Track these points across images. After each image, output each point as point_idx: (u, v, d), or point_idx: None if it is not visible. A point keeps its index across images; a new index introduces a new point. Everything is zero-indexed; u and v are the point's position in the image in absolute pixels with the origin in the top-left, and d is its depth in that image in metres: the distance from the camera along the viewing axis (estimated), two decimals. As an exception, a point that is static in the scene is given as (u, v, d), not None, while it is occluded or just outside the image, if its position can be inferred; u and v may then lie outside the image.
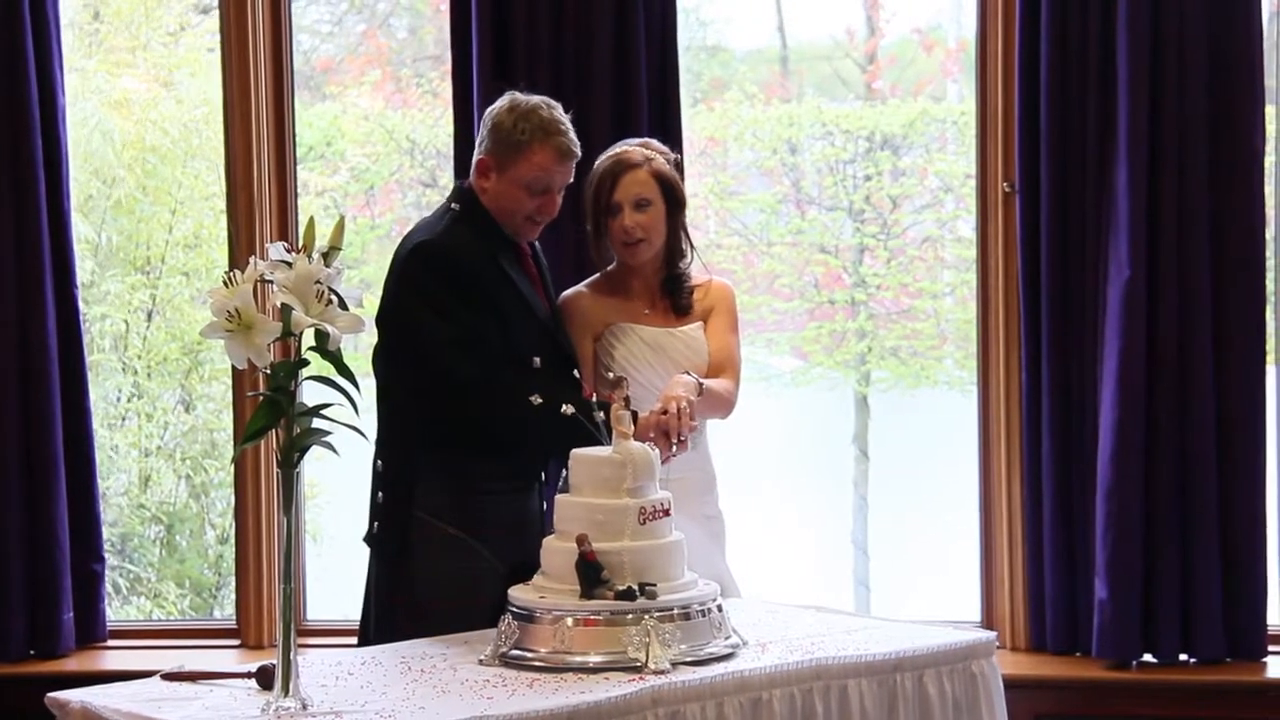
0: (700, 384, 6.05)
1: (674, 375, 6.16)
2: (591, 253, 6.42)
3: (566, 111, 6.08)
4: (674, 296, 6.35)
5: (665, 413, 5.77)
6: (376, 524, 6.07)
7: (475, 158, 6.04)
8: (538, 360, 5.95)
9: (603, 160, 6.25)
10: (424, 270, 5.88)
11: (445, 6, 7.36)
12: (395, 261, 5.99)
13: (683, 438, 5.74)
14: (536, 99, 6.04)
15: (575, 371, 6.13)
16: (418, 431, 5.94)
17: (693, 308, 6.36)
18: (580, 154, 6.07)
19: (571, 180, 6.10)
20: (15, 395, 7.32)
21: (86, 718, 5.22)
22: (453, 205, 6.06)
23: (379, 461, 6.05)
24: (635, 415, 5.75)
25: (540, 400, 5.64)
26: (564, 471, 5.62)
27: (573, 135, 6.03)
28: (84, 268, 7.53)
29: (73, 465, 7.45)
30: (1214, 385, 7.04)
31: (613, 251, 6.33)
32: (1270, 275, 7.18)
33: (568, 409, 5.56)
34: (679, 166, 6.48)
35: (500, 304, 5.95)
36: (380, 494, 6.05)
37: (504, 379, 5.85)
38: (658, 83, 7.19)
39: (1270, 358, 7.16)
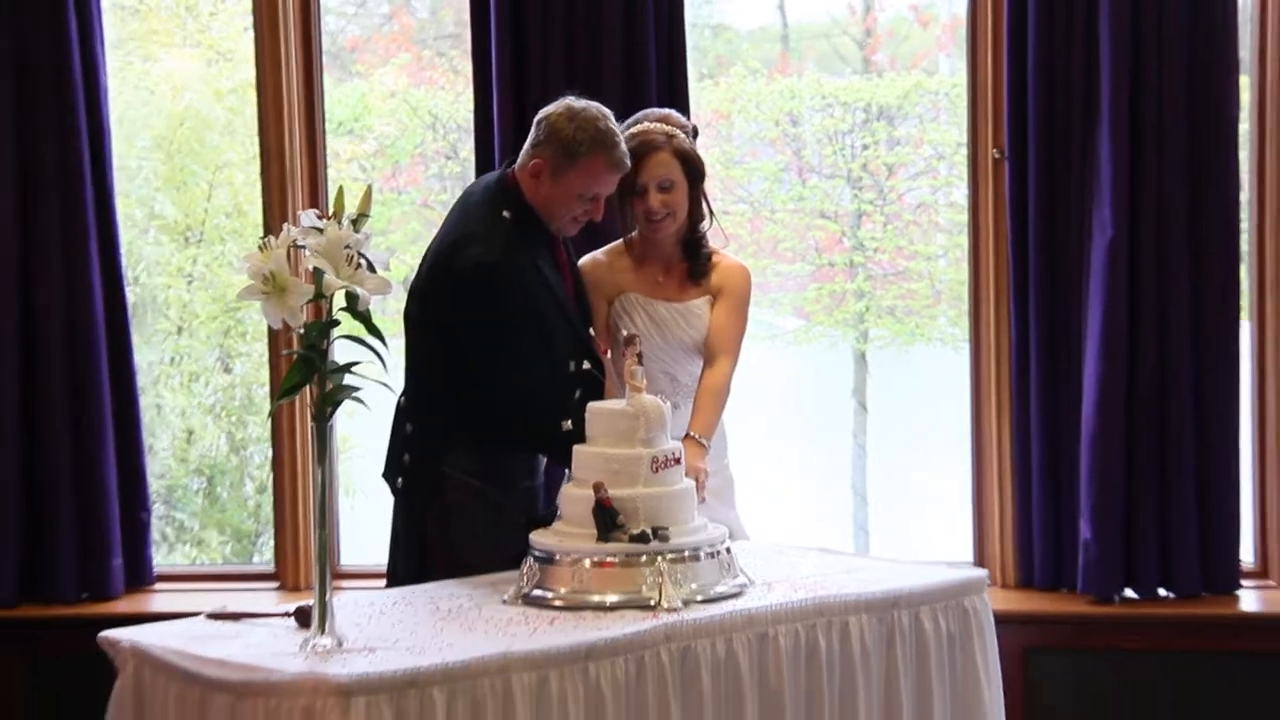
0: (706, 445, 6.12)
1: (683, 370, 6.34)
2: (617, 223, 6.38)
3: (578, 87, 6.13)
4: (691, 261, 6.35)
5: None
6: (401, 479, 6.12)
7: (529, 159, 5.99)
8: (572, 365, 5.99)
9: (626, 139, 6.11)
10: (489, 294, 5.86)
11: (464, 5, 7.36)
12: (459, 266, 5.89)
13: (702, 497, 5.79)
14: (593, 109, 5.98)
15: (591, 330, 6.21)
16: (453, 415, 5.99)
17: (707, 276, 6.36)
18: (629, 167, 6.04)
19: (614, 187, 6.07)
20: (64, 358, 7.37)
21: (136, 655, 5.29)
22: (503, 212, 5.99)
23: (408, 426, 6.09)
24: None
25: (570, 426, 5.73)
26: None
27: (624, 148, 6.00)
28: (127, 236, 7.55)
29: (120, 422, 7.48)
30: (1191, 339, 7.07)
31: (638, 219, 6.30)
32: (1244, 236, 7.22)
33: (566, 424, 5.75)
34: (695, 135, 6.45)
35: (544, 321, 5.97)
36: (407, 456, 6.09)
37: (543, 405, 5.92)
38: (666, 59, 7.20)
39: (1244, 314, 7.20)
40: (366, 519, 6.21)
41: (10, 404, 7.41)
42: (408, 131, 8.99)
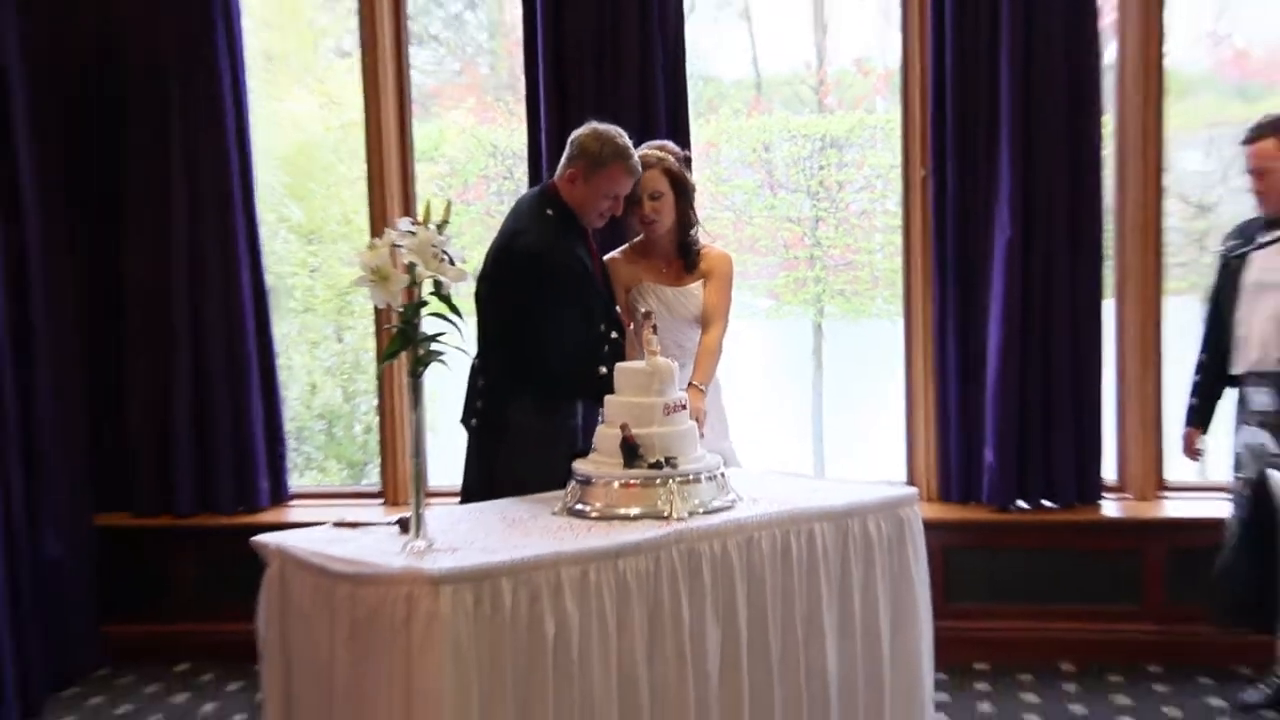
0: (703, 389, 6.14)
1: (685, 337, 6.31)
2: (625, 227, 6.40)
3: (605, 121, 6.08)
4: (685, 257, 6.32)
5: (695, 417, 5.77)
6: (475, 420, 6.10)
7: (565, 169, 6.02)
8: (603, 327, 6.01)
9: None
10: (539, 272, 5.90)
11: (519, 50, 7.33)
12: (513, 251, 5.96)
13: (702, 433, 5.73)
14: (613, 129, 6.04)
15: (618, 308, 6.21)
16: (517, 373, 5.97)
17: (698, 266, 6.34)
18: (641, 172, 6.08)
19: (631, 189, 6.10)
20: (222, 331, 7.35)
21: (279, 554, 5.30)
22: (548, 210, 6.03)
23: (480, 381, 6.07)
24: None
25: (606, 371, 5.72)
26: (600, 412, 5.69)
27: (637, 159, 6.06)
28: (266, 237, 7.50)
29: (263, 379, 7.48)
30: (1068, 312, 7.03)
31: (636, 227, 6.32)
32: (1108, 234, 7.14)
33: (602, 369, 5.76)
34: (688, 161, 6.46)
35: (584, 296, 6.00)
36: (480, 403, 6.07)
37: (590, 363, 5.91)
38: (672, 103, 7.14)
39: (1107, 292, 7.13)
40: (446, 451, 6.15)
41: (185, 366, 7.37)
42: (473, 158, 9.01)
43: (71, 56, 7.29)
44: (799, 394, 9.31)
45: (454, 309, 5.08)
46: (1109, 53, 7.14)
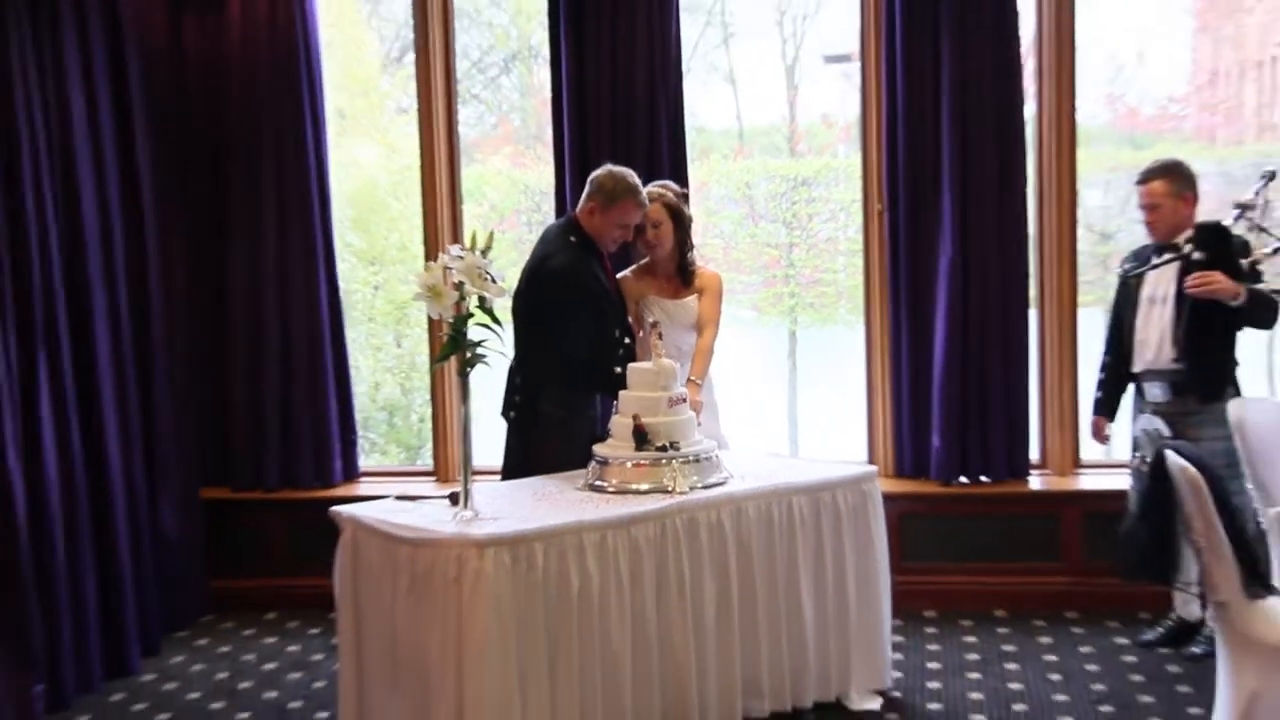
0: (699, 384, 6.17)
1: (684, 341, 6.28)
2: (633, 250, 6.38)
3: (618, 164, 6.12)
4: (683, 275, 6.33)
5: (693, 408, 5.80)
6: (513, 412, 6.09)
7: (585, 203, 6.05)
8: (617, 333, 6.00)
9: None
10: (565, 288, 5.92)
11: (546, 108, 7.33)
12: (542, 272, 5.99)
13: (699, 422, 5.73)
14: (624, 171, 6.07)
15: (629, 318, 6.19)
16: (547, 372, 5.97)
17: (694, 282, 6.33)
18: (648, 205, 6.12)
19: (639, 219, 6.14)
20: (304, 336, 7.32)
21: (351, 522, 5.33)
22: (571, 238, 6.03)
23: (517, 379, 6.07)
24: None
25: (620, 370, 5.77)
26: (614, 404, 5.70)
27: (645, 195, 6.09)
28: (340, 261, 7.49)
29: (337, 377, 7.45)
30: (999, 321, 6.99)
31: (642, 250, 6.31)
32: (1031, 258, 7.09)
33: (617, 370, 5.80)
34: (685, 197, 6.46)
35: (602, 309, 6.00)
36: (517, 397, 6.06)
37: (606, 362, 5.92)
38: (672, 148, 7.12)
39: (1030, 305, 7.08)
40: (488, 437, 6.11)
41: (273, 365, 7.36)
42: (509, 196, 9.02)
43: (185, 106, 7.28)
44: (777, 389, 9.28)
45: (495, 319, 5.18)
46: (1029, 109, 7.10)
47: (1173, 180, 6.14)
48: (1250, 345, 6.11)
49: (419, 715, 5.03)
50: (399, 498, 5.67)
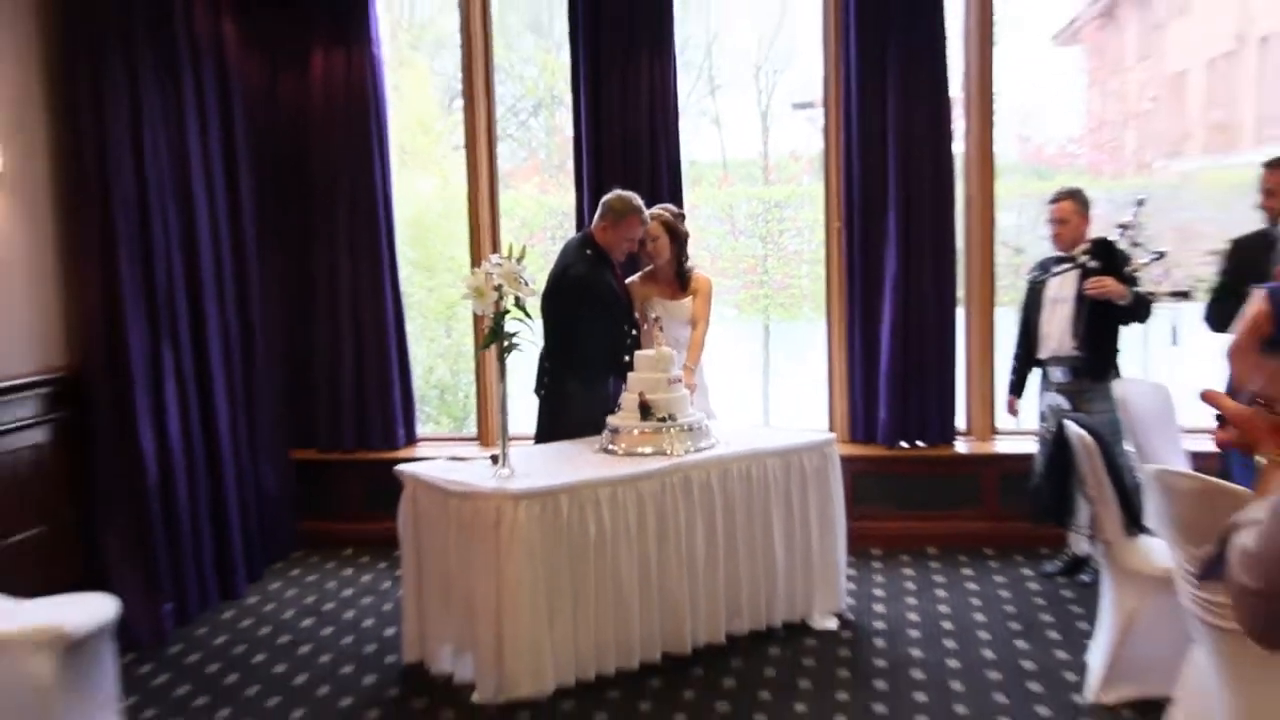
0: (693, 368, 6.15)
1: (680, 334, 6.23)
2: (639, 259, 6.38)
3: (625, 189, 6.12)
4: (680, 280, 6.30)
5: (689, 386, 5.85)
6: (543, 390, 6.10)
7: (599, 221, 6.04)
8: (626, 327, 6.00)
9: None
10: (583, 292, 5.94)
11: (568, 145, 7.31)
12: (565, 278, 5.99)
13: (693, 400, 5.72)
14: (630, 195, 6.06)
15: (636, 314, 6.18)
16: (570, 358, 5.98)
17: (689, 286, 6.30)
18: (650, 223, 6.13)
19: (643, 234, 6.13)
20: (374, 329, 7.31)
21: (412, 478, 5.37)
22: (588, 250, 6.01)
23: (546, 363, 6.08)
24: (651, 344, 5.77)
25: (627, 357, 5.77)
26: (624, 383, 5.73)
27: (646, 213, 6.10)
28: (401, 269, 7.48)
29: (399, 361, 7.43)
30: (934, 317, 6.97)
31: (645, 260, 6.33)
32: (960, 267, 7.12)
33: (625, 358, 5.80)
34: (681, 218, 6.42)
35: (613, 308, 6.00)
36: (545, 378, 6.08)
37: (617, 350, 5.90)
38: (670, 178, 7.09)
39: (958, 304, 7.11)
40: (521, 410, 6.14)
41: (348, 351, 7.35)
42: (537, 215, 9.01)
43: (278, 144, 7.28)
44: (754, 372, 9.28)
45: (527, 315, 5.26)
46: (958, 147, 7.09)
47: (1077, 201, 6.20)
48: (1128, 337, 6.16)
49: (465, 633, 5.10)
50: (450, 459, 5.74)
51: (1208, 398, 1.92)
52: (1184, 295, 6.04)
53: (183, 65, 6.24)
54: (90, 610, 4.41)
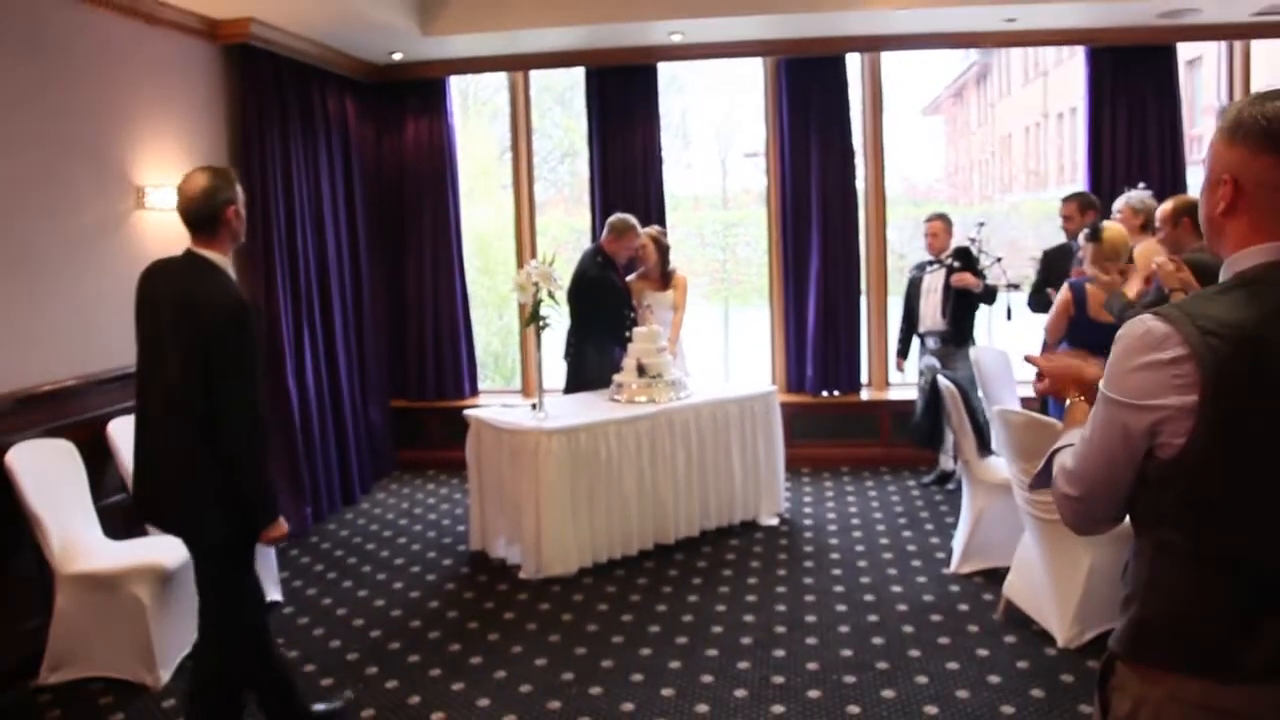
0: (675, 343, 5.97)
1: (665, 316, 6.06)
2: (637, 264, 6.17)
3: (625, 213, 6.08)
4: (664, 278, 6.14)
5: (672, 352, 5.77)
6: (568, 357, 5.99)
7: (606, 235, 5.94)
8: (625, 311, 5.89)
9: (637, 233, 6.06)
10: (596, 289, 5.84)
11: (586, 184, 7.18)
12: (584, 281, 5.86)
13: (674, 355, 5.70)
14: (629, 217, 5.99)
15: (634, 301, 6.05)
16: (587, 334, 5.88)
17: (671, 280, 6.15)
18: (642, 237, 6.02)
19: (637, 245, 6.02)
20: (448, 315, 7.19)
21: (474, 419, 5.28)
22: (598, 258, 5.91)
23: (571, 337, 5.97)
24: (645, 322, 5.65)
25: (628, 333, 5.68)
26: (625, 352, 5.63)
27: (639, 229, 6.00)
28: (467, 271, 7.38)
29: (466, 338, 7.30)
30: (845, 302, 6.87)
31: (639, 264, 6.15)
32: (863, 267, 7.01)
33: (628, 333, 5.69)
34: (665, 234, 6.31)
35: (617, 299, 5.89)
36: (571, 347, 5.97)
37: (620, 328, 5.81)
38: (657, 205, 6.92)
39: (862, 293, 7.01)
40: (553, 370, 6.06)
41: (429, 329, 7.24)
42: (563, 233, 8.95)
43: (381, 186, 7.14)
44: (712, 341, 9.21)
45: (556, 303, 5.15)
46: (860, 183, 6.97)
47: (945, 221, 6.17)
48: (980, 316, 6.13)
49: (514, 529, 5.05)
50: (502, 406, 5.69)
51: (1030, 360, 1.97)
52: (1015, 287, 6.01)
53: (319, 131, 6.22)
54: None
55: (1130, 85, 6.62)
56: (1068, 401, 1.75)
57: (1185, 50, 6.82)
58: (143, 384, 3.01)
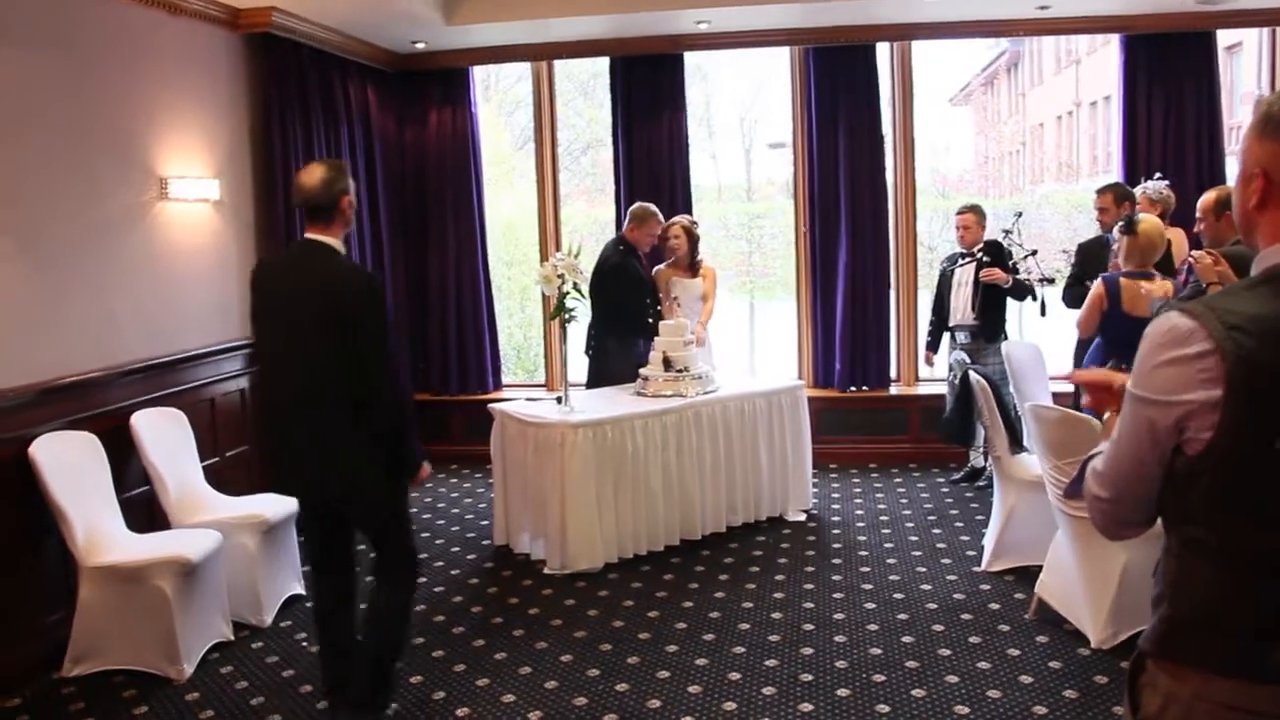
0: (705, 326, 5.97)
1: (693, 306, 6.01)
2: (664, 253, 6.13)
3: (648, 201, 6.07)
4: (693, 268, 6.09)
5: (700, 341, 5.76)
6: (591, 351, 5.95)
7: (628, 224, 5.92)
8: (649, 302, 5.84)
9: (666, 224, 6.02)
10: (618, 279, 5.78)
11: (610, 173, 7.17)
12: (604, 268, 5.81)
13: (701, 343, 5.69)
14: (650, 205, 5.97)
15: (660, 292, 6.01)
16: (611, 326, 5.84)
17: (699, 270, 6.09)
18: (664, 223, 5.99)
19: (659, 233, 5.98)
20: (470, 305, 7.22)
21: (499, 413, 5.28)
22: (620, 247, 5.88)
23: (593, 330, 5.93)
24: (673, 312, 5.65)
25: (652, 321, 5.67)
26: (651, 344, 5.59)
27: (661, 218, 5.97)
28: (491, 262, 7.39)
29: (490, 328, 7.32)
30: (875, 294, 6.83)
31: (669, 253, 6.10)
32: (891, 259, 6.96)
33: (652, 321, 5.70)
34: (695, 224, 6.21)
35: (641, 289, 5.86)
36: (594, 340, 5.93)
37: (643, 318, 5.78)
38: (684, 196, 6.92)
39: (891, 286, 6.98)
40: (577, 364, 6.03)
41: (452, 320, 7.25)
42: (586, 223, 8.91)
43: (405, 176, 7.17)
44: (740, 335, 9.18)
45: (581, 295, 5.15)
46: (889, 174, 6.90)
47: (977, 214, 6.10)
48: (1012, 310, 6.09)
49: (539, 522, 5.04)
50: (527, 399, 5.64)
51: (1073, 378, 1.98)
52: (1049, 281, 5.95)
53: (341, 121, 6.26)
54: (281, 505, 4.48)
55: (1167, 72, 6.52)
56: (1106, 415, 1.76)
57: (1224, 36, 6.71)
58: (282, 373, 3.20)
